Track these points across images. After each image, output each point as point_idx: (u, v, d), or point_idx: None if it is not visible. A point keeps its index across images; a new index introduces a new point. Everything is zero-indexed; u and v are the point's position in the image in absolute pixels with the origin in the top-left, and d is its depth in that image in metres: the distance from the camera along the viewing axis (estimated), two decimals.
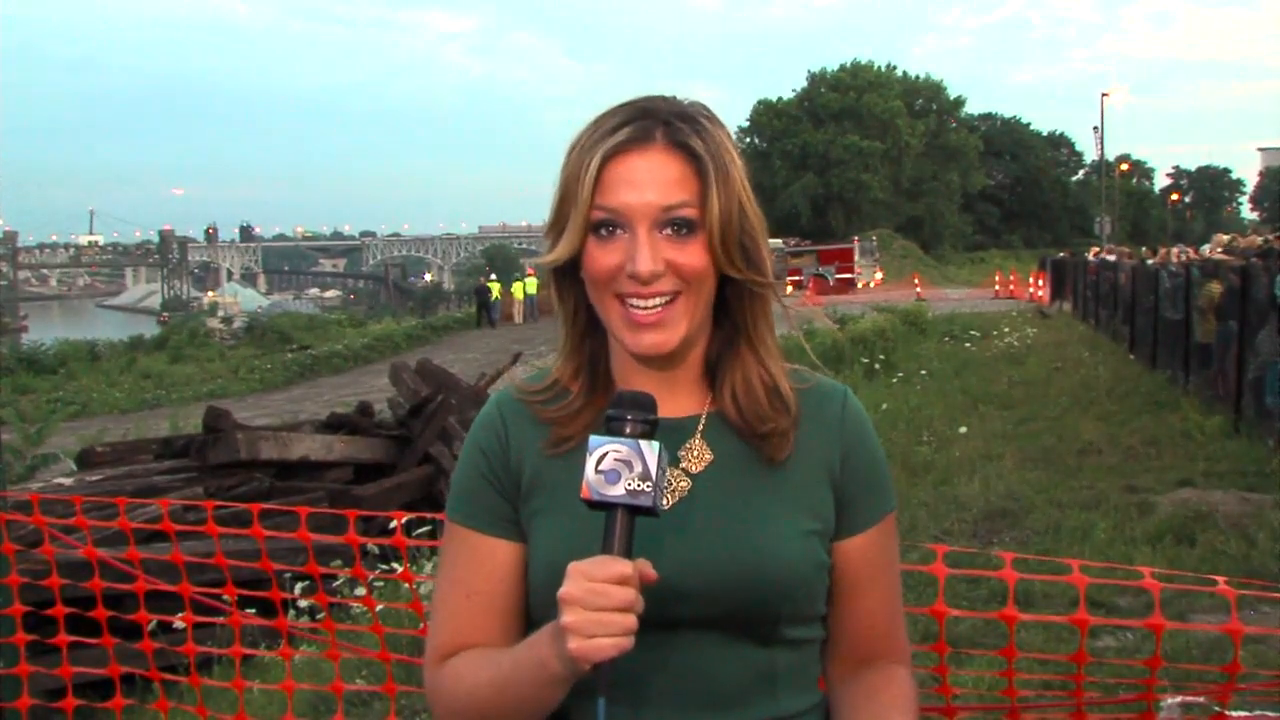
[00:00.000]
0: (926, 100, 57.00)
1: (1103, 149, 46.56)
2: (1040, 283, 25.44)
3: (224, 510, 3.71)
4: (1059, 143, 66.47)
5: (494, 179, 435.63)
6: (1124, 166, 60.11)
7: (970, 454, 6.75)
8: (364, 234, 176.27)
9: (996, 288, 29.54)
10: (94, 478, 5.42)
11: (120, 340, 28.81)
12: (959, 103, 57.87)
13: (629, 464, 0.83)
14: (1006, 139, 62.61)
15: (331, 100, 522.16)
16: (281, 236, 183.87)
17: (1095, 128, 45.06)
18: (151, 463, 5.82)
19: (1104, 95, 47.78)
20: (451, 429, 6.48)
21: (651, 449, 0.83)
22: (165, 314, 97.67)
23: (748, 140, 57.91)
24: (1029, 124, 65.23)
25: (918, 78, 57.73)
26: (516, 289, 29.74)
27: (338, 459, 6.07)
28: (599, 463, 0.83)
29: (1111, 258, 16.77)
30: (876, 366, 11.12)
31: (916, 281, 30.35)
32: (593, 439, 0.85)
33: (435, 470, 6.17)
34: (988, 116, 64.39)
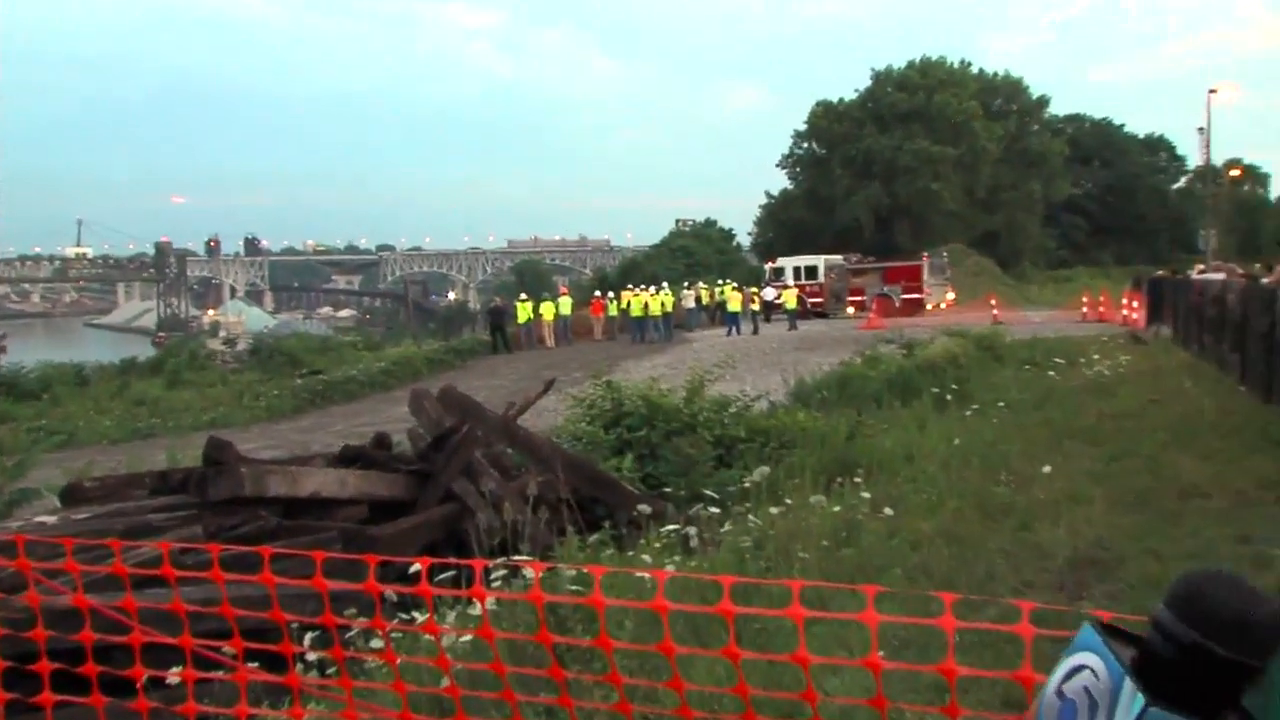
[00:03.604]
0: (1005, 100, 56.53)
1: (1208, 153, 45.82)
2: (1134, 304, 24.95)
3: (226, 553, 3.74)
4: (1157, 146, 65.28)
5: (525, 189, 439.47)
6: (1234, 172, 58.62)
7: (1054, 495, 6.60)
8: (381, 248, 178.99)
9: (1084, 310, 29.01)
10: (80, 515, 5.40)
11: (111, 363, 29.31)
12: (1042, 103, 57.34)
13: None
14: (1096, 143, 61.78)
15: (347, 103, 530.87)
16: (291, 250, 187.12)
17: (1200, 129, 44.42)
18: (145, 499, 5.82)
19: (1211, 92, 47.08)
20: (478, 464, 6.52)
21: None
22: (161, 334, 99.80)
23: (805, 146, 57.98)
24: (1122, 126, 64.67)
25: (995, 75, 57.34)
26: (547, 309, 29.92)
27: (352, 496, 6.11)
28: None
29: (1218, 276, 16.39)
30: (948, 397, 10.96)
31: (993, 302, 29.96)
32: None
33: (459, 509, 6.20)
34: (1075, 118, 63.64)
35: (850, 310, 35.85)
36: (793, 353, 21.64)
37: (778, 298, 33.31)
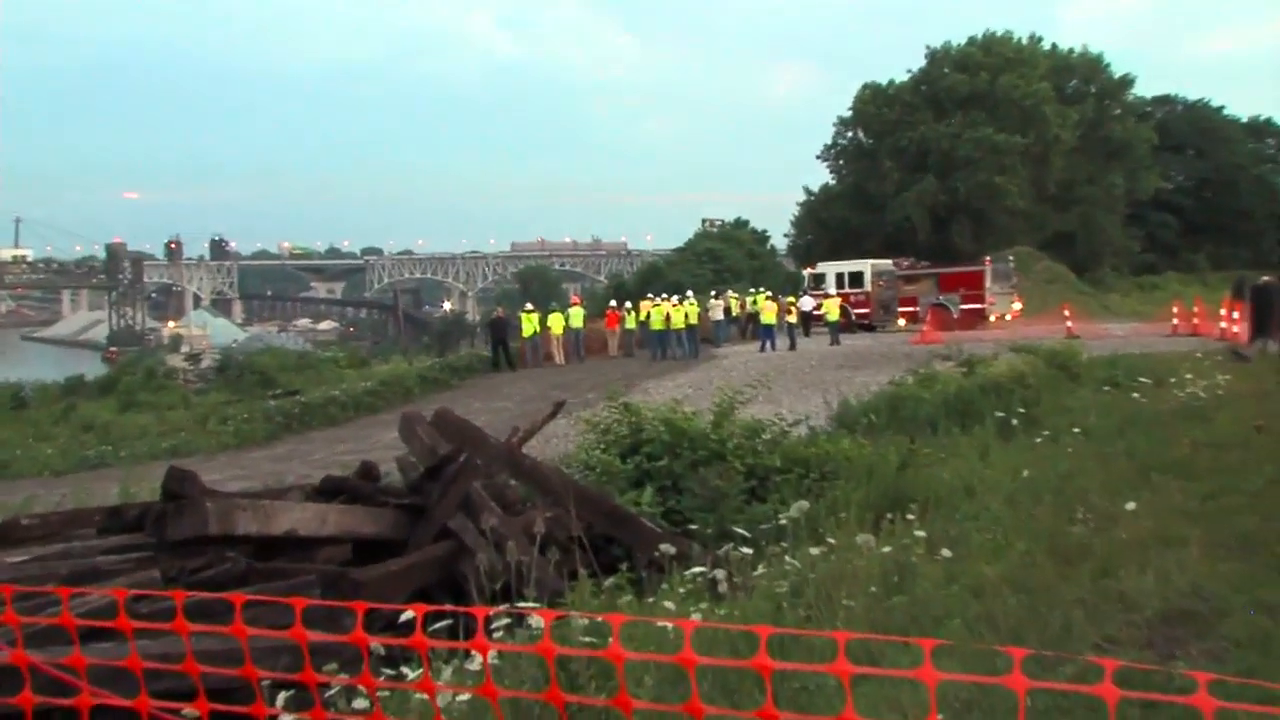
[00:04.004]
0: (1082, 81, 56.40)
1: None
2: (1235, 315, 24.70)
3: (190, 600, 3.75)
4: (1263, 132, 64.50)
5: (531, 185, 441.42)
6: None
7: (1141, 537, 6.52)
8: (367, 251, 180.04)
9: (1174, 321, 28.81)
10: (18, 558, 5.37)
11: (54, 382, 29.62)
12: (1125, 83, 57.07)
13: None
14: (1189, 129, 61.30)
15: (327, 85, 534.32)
16: (263, 254, 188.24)
17: None
18: (94, 539, 5.84)
19: None
20: (477, 497, 6.53)
21: None
22: (113, 349, 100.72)
23: (849, 135, 58.08)
24: (1221, 109, 64.05)
25: (1070, 52, 57.23)
26: (555, 321, 30.02)
27: (333, 534, 6.13)
28: None
29: None
30: (1015, 422, 10.89)
31: (1067, 313, 29.79)
32: None
33: (456, 548, 6.21)
34: (1164, 100, 63.36)
35: (901, 322, 35.76)
36: (835, 371, 21.58)
37: (818, 308, 33.30)
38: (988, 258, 37.63)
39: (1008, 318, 34.37)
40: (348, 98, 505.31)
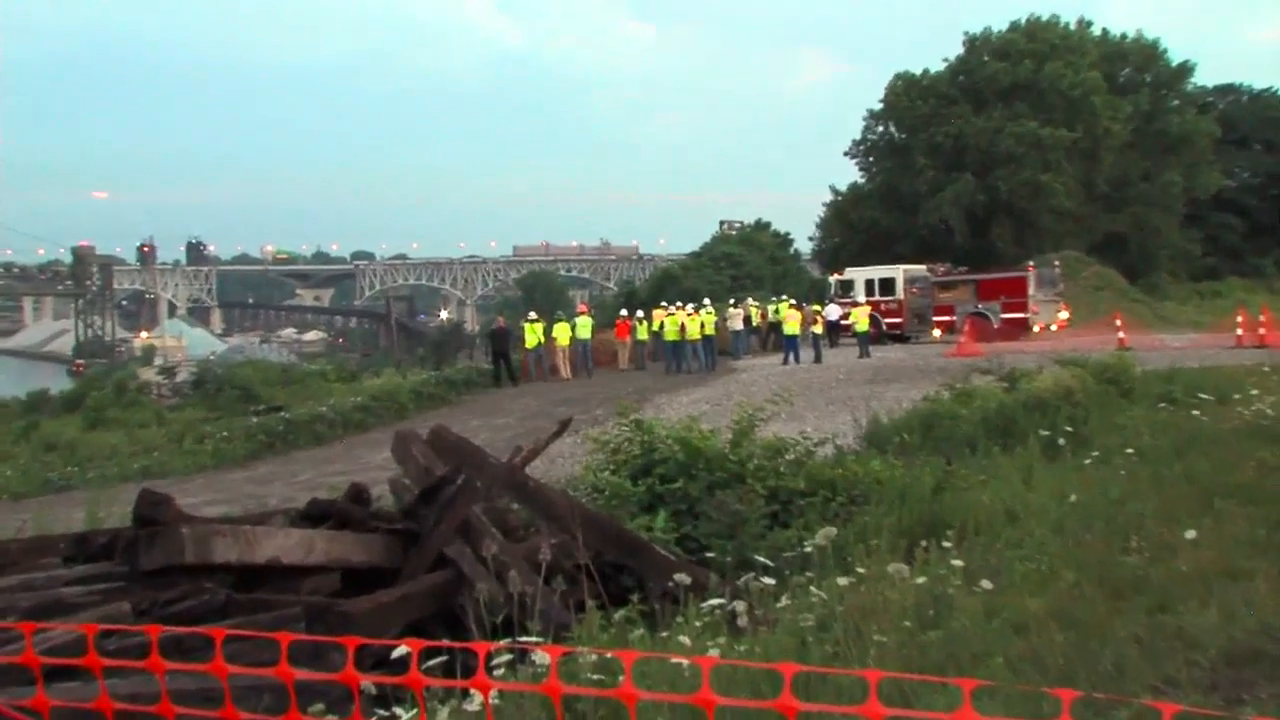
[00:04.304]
0: (1135, 69, 56.33)
1: None
2: None
3: (165, 636, 3.74)
4: None
5: (535, 184, 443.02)
6: None
7: (1202, 569, 6.48)
8: (357, 256, 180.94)
9: (1239, 332, 28.64)
10: None
11: (15, 397, 29.76)
12: (1184, 71, 57.03)
13: None
14: (1255, 120, 60.96)
15: (314, 77, 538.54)
16: (245, 258, 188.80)
17: None
18: (58, 569, 5.84)
19: None
20: (477, 522, 6.53)
21: None
22: (80, 361, 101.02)
23: (880, 129, 58.14)
24: None
25: (1123, 37, 57.20)
26: (561, 332, 30.05)
27: (320, 562, 6.14)
28: None
29: None
30: (1061, 442, 10.85)
31: (1118, 323, 29.71)
32: None
33: (454, 578, 6.20)
34: (1227, 89, 63.11)
35: (936, 333, 35.72)
36: (865, 385, 21.53)
37: (845, 317, 33.25)
38: (1031, 263, 37.61)
39: (1053, 328, 34.28)
40: (336, 91, 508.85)
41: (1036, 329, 33.89)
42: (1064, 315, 35.50)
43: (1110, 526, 7.42)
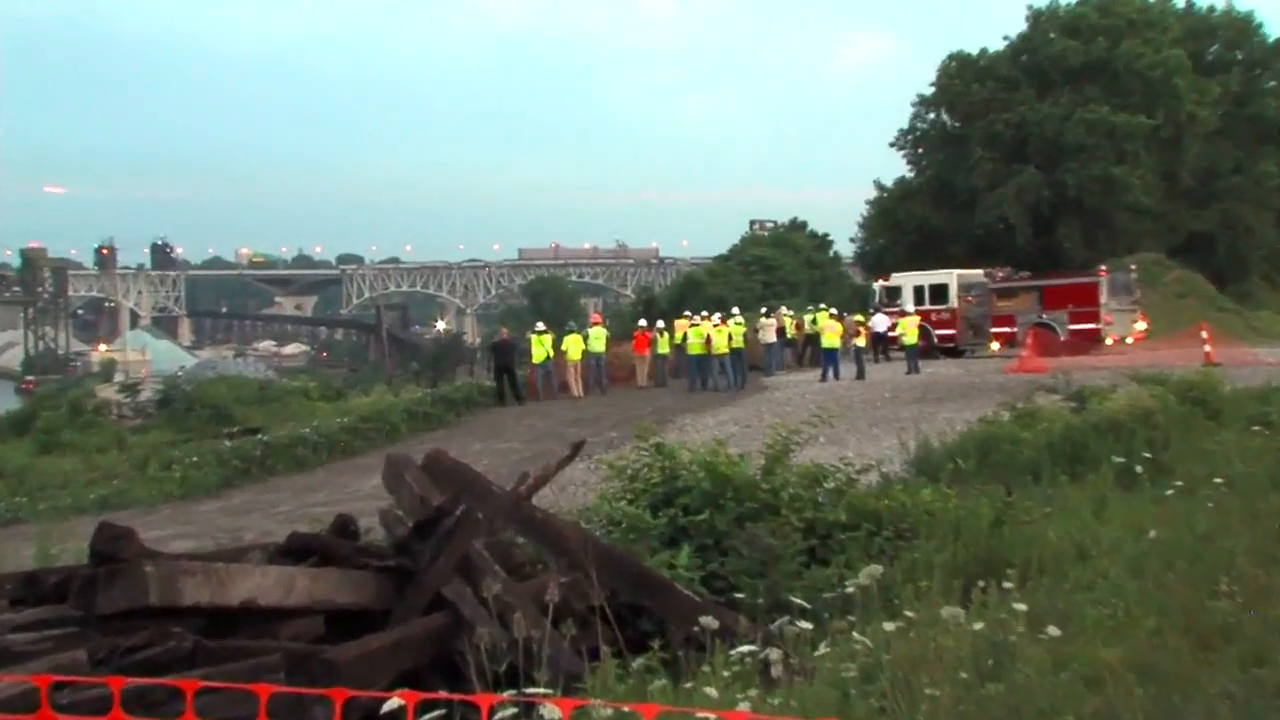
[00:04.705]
0: (1225, 46, 56.08)
1: None
2: None
3: (128, 688, 3.72)
4: None
5: (542, 180, 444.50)
6: None
7: None
8: (344, 260, 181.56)
9: None
10: None
11: None
12: None
13: None
14: None
15: (293, 60, 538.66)
16: (217, 262, 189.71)
17: None
18: (5, 613, 5.81)
19: None
20: (478, 558, 6.52)
21: None
22: (30, 378, 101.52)
23: (932, 116, 58.11)
24: None
25: (1210, 10, 56.97)
26: (572, 345, 30.07)
27: (302, 603, 6.13)
28: None
29: None
30: (1138, 469, 10.77)
31: (1204, 335, 29.53)
32: None
33: (452, 621, 6.20)
34: None
35: (995, 346, 35.57)
36: (913, 405, 21.47)
37: (893, 328, 33.17)
38: (1103, 266, 37.38)
39: (1129, 340, 34.11)
40: (319, 76, 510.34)
41: (1109, 342, 33.71)
42: (1141, 326, 35.32)
43: (1196, 567, 7.35)
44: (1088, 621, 6.01)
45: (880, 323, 34.01)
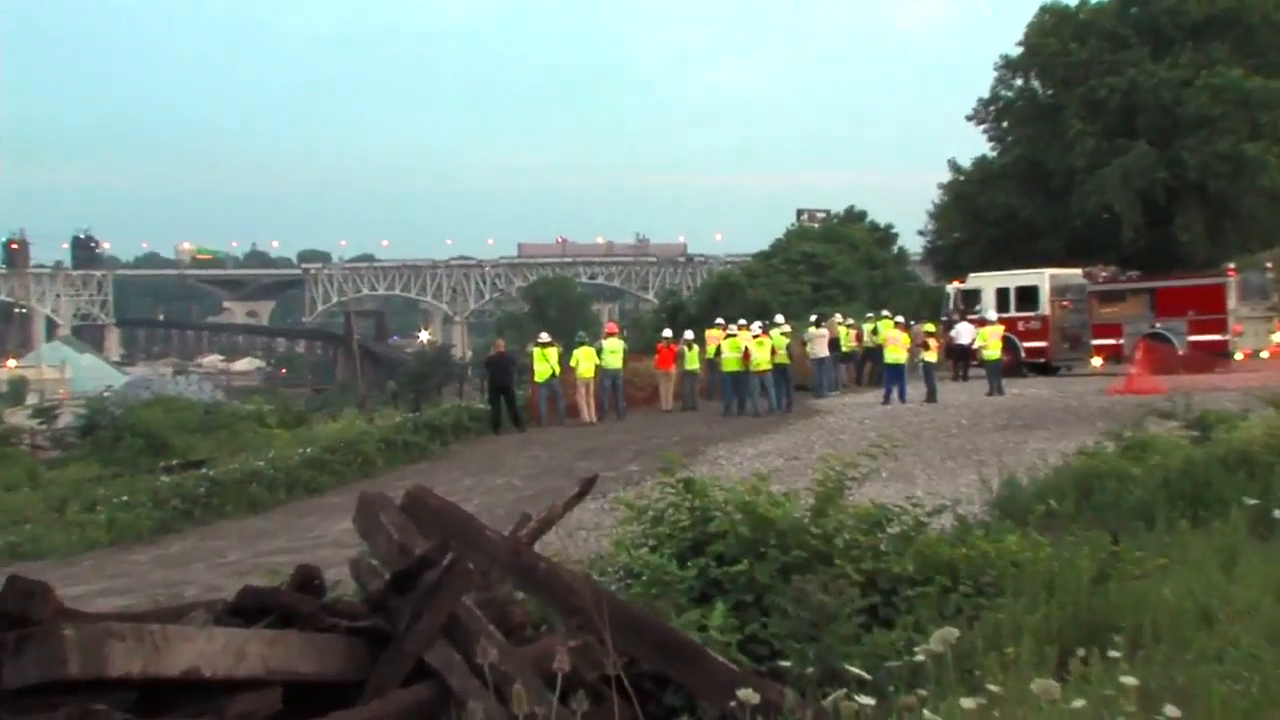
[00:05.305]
0: None
1: None
2: None
3: None
4: None
5: (547, 162, 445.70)
6: None
7: None
8: (307, 257, 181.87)
9: None
10: None
11: None
12: None
13: None
14: None
15: (249, 19, 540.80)
16: (153, 259, 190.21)
17: None
18: None
19: None
20: (469, 618, 6.52)
21: None
22: None
23: (1019, 84, 57.99)
24: None
25: None
26: (583, 360, 30.07)
27: (256, 673, 6.13)
28: None
29: None
30: (1276, 514, 10.71)
31: None
32: None
33: (438, 694, 6.20)
34: None
35: (1096, 361, 35.48)
36: (996, 433, 21.45)
37: (972, 341, 33.09)
38: (1231, 265, 37.17)
39: (1263, 354, 33.98)
40: (275, 31, 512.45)
41: (1239, 356, 33.58)
42: (1278, 338, 35.13)
43: None
44: (1214, 700, 5.97)
45: (963, 333, 33.89)
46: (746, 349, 29.08)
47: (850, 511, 9.37)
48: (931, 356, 31.56)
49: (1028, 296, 37.01)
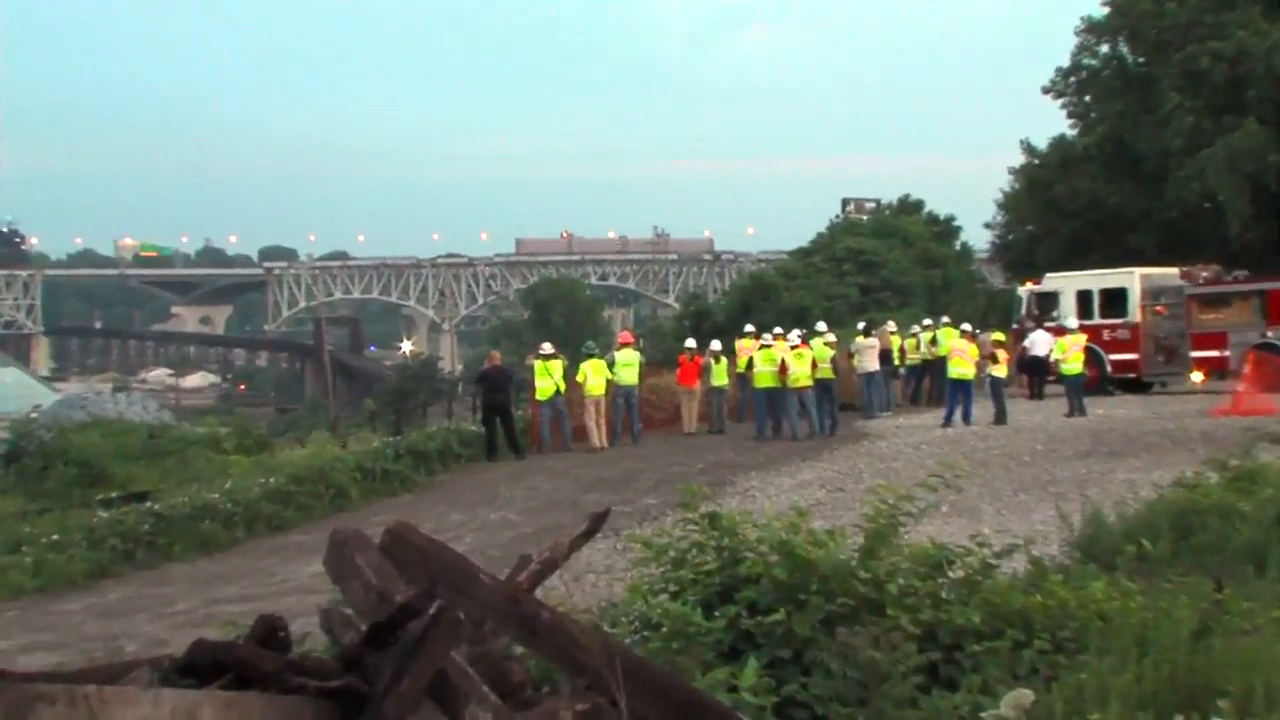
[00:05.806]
0: None
1: None
2: None
3: None
4: None
5: (550, 147, 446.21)
6: None
7: None
8: (270, 255, 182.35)
9: None
10: None
11: None
12: None
13: None
14: None
15: None
16: (88, 256, 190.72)
17: None
18: None
19: None
20: (458, 676, 6.52)
21: None
22: None
23: (1104, 50, 57.85)
24: None
25: None
26: (592, 375, 30.06)
27: None
28: None
29: None
30: None
31: None
32: None
33: None
34: None
35: (1196, 377, 35.39)
36: (1077, 461, 21.43)
37: (1048, 353, 33.06)
38: None
39: None
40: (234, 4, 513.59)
41: None
42: None
43: None
44: None
45: (1039, 343, 33.81)
46: (783, 362, 29.07)
47: (905, 553, 9.36)
48: (1000, 371, 31.49)
49: (1114, 300, 36.91)
